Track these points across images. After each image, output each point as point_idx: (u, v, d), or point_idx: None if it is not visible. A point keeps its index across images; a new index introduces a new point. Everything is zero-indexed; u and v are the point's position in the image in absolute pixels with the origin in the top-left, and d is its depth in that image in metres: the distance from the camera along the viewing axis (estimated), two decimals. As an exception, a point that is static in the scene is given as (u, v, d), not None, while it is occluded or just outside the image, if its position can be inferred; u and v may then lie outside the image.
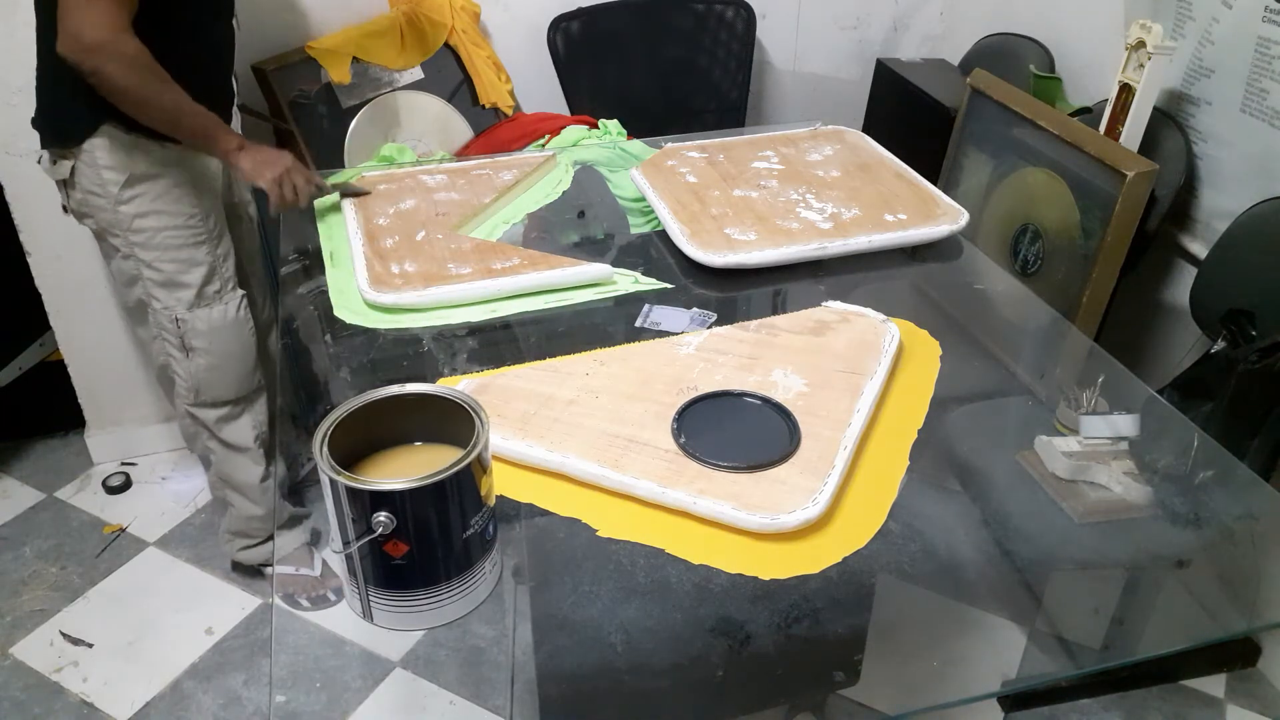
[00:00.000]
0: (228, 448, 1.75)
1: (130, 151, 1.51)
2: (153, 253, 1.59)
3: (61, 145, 1.52)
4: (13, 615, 1.84)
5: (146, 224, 1.57)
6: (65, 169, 1.53)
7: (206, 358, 1.66)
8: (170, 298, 1.62)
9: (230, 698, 1.68)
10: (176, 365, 1.68)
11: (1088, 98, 2.01)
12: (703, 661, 0.85)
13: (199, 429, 1.74)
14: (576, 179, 1.68)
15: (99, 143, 1.50)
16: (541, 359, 1.17)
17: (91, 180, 1.53)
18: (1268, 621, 1.00)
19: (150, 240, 1.58)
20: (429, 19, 2.08)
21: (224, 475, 1.78)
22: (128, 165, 1.52)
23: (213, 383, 1.69)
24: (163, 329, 1.66)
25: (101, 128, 1.49)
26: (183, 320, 1.63)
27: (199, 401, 1.70)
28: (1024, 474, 1.05)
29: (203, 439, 1.75)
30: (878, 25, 2.53)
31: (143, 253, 1.59)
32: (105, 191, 1.53)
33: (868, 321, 1.23)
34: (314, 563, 1.72)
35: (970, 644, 0.91)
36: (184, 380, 1.69)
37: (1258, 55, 1.62)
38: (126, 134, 1.50)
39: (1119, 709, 1.63)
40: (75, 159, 1.52)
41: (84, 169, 1.52)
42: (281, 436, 1.78)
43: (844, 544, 0.92)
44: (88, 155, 1.51)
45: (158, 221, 1.57)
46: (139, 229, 1.57)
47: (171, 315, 1.63)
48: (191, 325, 1.64)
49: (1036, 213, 1.91)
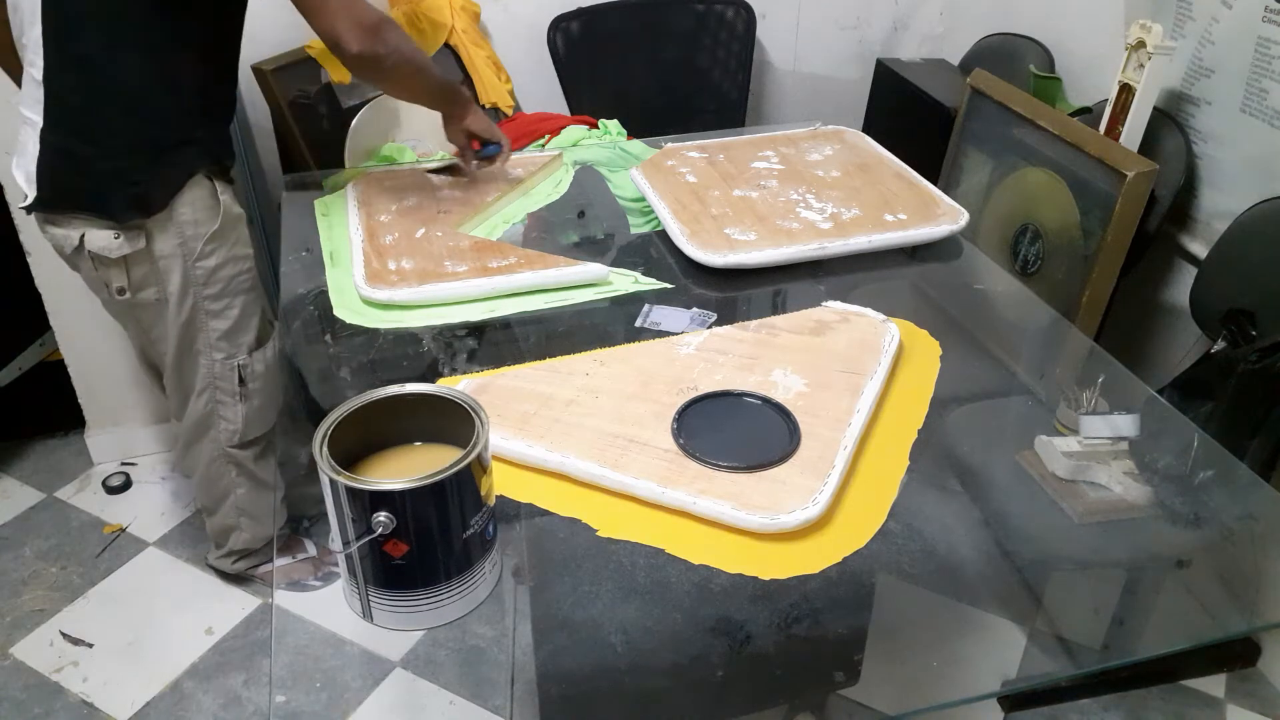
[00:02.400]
0: (256, 481, 1.71)
1: (219, 196, 1.44)
2: (223, 301, 1.50)
3: (142, 214, 1.37)
4: (13, 615, 1.84)
5: (224, 273, 1.48)
6: (138, 240, 1.38)
7: (260, 398, 1.61)
8: (234, 345, 1.55)
9: (230, 698, 1.68)
10: (225, 411, 1.60)
11: (1088, 98, 2.01)
12: (703, 661, 0.85)
13: (228, 469, 1.67)
14: (576, 179, 1.68)
15: (186, 198, 1.39)
16: (541, 359, 1.17)
17: (169, 244, 1.40)
18: (1268, 621, 1.00)
19: (224, 290, 1.49)
20: (429, 19, 2.08)
21: (244, 508, 1.73)
22: (215, 215, 1.43)
23: (257, 421, 1.64)
24: (218, 379, 1.57)
25: (188, 183, 1.39)
26: (244, 365, 1.57)
27: (241, 443, 1.65)
28: (1024, 474, 1.05)
29: (229, 478, 1.69)
30: (878, 25, 2.52)
31: (213, 304, 1.49)
32: (185, 250, 1.42)
33: (868, 321, 1.23)
34: (306, 547, 1.72)
35: (970, 644, 0.91)
36: (231, 424, 1.62)
37: (1258, 55, 1.62)
38: (212, 181, 1.43)
39: (1119, 709, 1.63)
40: (149, 228, 1.38)
41: (165, 232, 1.39)
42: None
43: (844, 544, 0.92)
44: (174, 213, 1.39)
45: (233, 269, 1.50)
46: (217, 280, 1.48)
47: (233, 364, 1.56)
48: (252, 368, 1.58)
49: (1036, 213, 1.91)
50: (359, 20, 1.28)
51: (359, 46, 1.29)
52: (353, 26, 1.28)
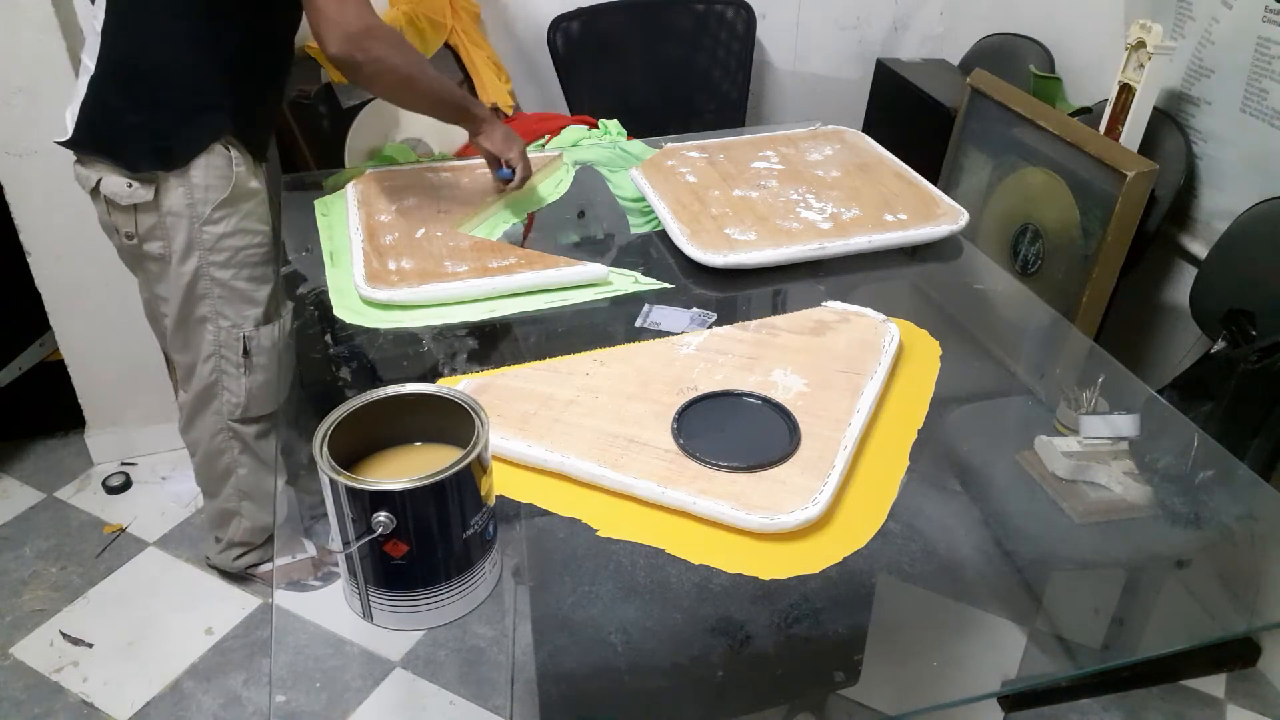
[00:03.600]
0: (259, 461, 1.72)
1: (234, 168, 1.46)
2: (230, 270, 1.53)
3: (162, 167, 1.42)
4: (13, 615, 1.84)
5: (231, 243, 1.51)
6: (147, 193, 1.44)
7: (265, 373, 1.63)
8: (239, 315, 1.56)
9: (230, 698, 1.68)
10: (229, 382, 1.62)
11: (1088, 98, 2.01)
12: (703, 661, 0.85)
13: (231, 444, 1.69)
14: (576, 179, 1.68)
15: (204, 161, 1.43)
16: (541, 359, 1.17)
17: (177, 202, 1.45)
18: (1268, 621, 1.00)
19: (231, 259, 1.52)
20: (429, 19, 2.08)
21: (245, 489, 1.74)
22: (227, 183, 1.46)
23: (263, 398, 1.65)
24: (223, 346, 1.59)
25: (216, 144, 1.43)
26: (250, 337, 1.58)
27: (245, 417, 1.66)
28: (1024, 474, 1.05)
29: (232, 454, 1.70)
30: (878, 25, 2.53)
31: (219, 271, 1.52)
32: (194, 212, 1.46)
33: (868, 321, 1.23)
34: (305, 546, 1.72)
35: (970, 644, 0.91)
36: (235, 396, 1.64)
37: (1258, 55, 1.62)
38: (234, 150, 1.46)
39: (1119, 709, 1.63)
40: (165, 181, 1.43)
41: (174, 190, 1.44)
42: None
43: (844, 544, 0.92)
44: (186, 174, 1.43)
45: (242, 240, 1.52)
46: (223, 248, 1.50)
47: (239, 333, 1.57)
48: (258, 342, 1.59)
49: (1036, 213, 1.91)
50: (343, 24, 1.29)
51: (336, 49, 1.31)
52: (334, 28, 1.29)
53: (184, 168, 1.43)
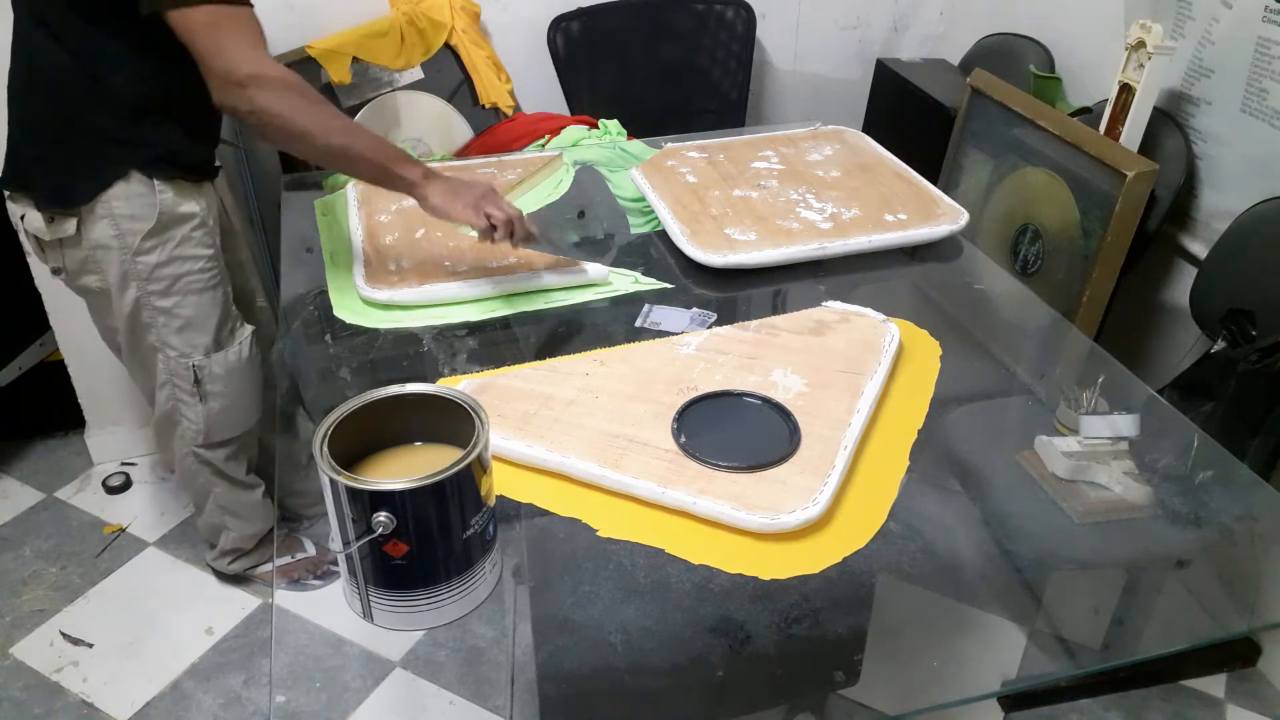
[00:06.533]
0: (232, 482, 1.72)
1: (155, 196, 1.41)
2: (171, 299, 1.48)
3: (69, 204, 1.38)
4: (13, 615, 1.84)
5: (168, 271, 1.46)
6: (68, 227, 1.39)
7: (220, 400, 1.60)
8: (187, 344, 1.53)
9: (230, 698, 1.68)
10: (186, 410, 1.60)
11: (1088, 98, 2.01)
12: (703, 661, 0.85)
13: (201, 468, 1.68)
14: (576, 179, 1.68)
15: (118, 192, 1.38)
16: (541, 359, 1.17)
17: (103, 234, 1.40)
18: (1268, 621, 1.00)
19: (171, 287, 1.47)
20: (429, 19, 2.08)
21: (225, 505, 1.74)
22: (152, 212, 1.41)
23: (223, 424, 1.63)
24: (175, 375, 1.56)
25: (122, 179, 1.38)
26: (200, 366, 1.55)
27: (208, 443, 1.64)
28: (1024, 474, 1.05)
29: (205, 476, 1.70)
30: (878, 25, 2.52)
31: (160, 300, 1.48)
32: (122, 244, 1.41)
33: (868, 321, 1.23)
34: (305, 546, 1.72)
35: (970, 644, 0.91)
36: (194, 424, 1.61)
37: (1258, 55, 1.62)
38: (151, 179, 1.40)
39: (1119, 709, 1.63)
40: (82, 216, 1.39)
41: (95, 224, 1.40)
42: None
43: (844, 544, 0.92)
44: (102, 208, 1.38)
45: (180, 268, 1.47)
46: (160, 277, 1.46)
47: (188, 363, 1.54)
48: (209, 370, 1.56)
49: (1036, 213, 1.91)
50: (224, 72, 1.20)
51: (217, 96, 1.23)
52: (214, 76, 1.21)
53: (97, 200, 1.38)
